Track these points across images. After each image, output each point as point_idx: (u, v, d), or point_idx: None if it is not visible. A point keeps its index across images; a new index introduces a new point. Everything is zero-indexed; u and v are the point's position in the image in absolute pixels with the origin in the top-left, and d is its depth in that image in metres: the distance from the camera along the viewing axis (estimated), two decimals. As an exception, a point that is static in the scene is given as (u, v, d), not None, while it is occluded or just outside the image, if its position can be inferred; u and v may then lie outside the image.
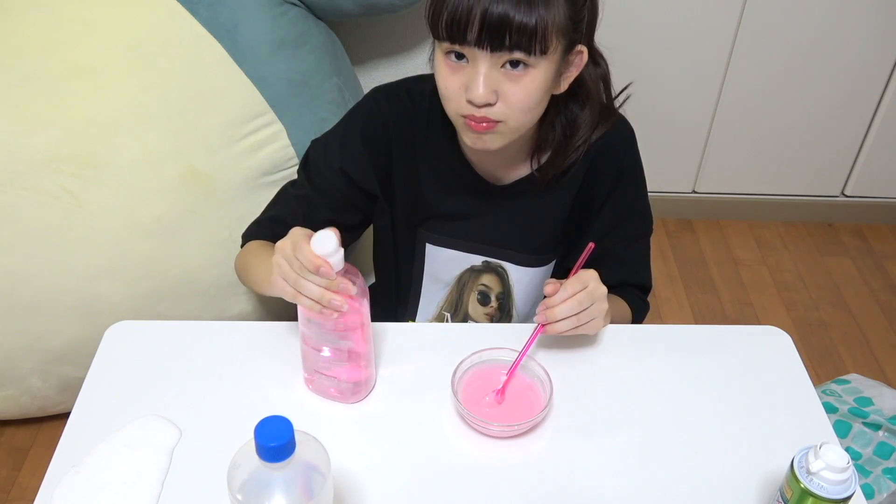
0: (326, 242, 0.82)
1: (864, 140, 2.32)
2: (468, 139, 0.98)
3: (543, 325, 0.95)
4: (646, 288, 1.19)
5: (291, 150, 1.54)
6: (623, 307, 1.15)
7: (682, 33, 2.11)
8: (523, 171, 1.10)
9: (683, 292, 2.23)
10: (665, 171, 2.35)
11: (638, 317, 1.18)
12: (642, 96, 2.40)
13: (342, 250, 0.83)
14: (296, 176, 1.18)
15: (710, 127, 2.28)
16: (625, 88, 1.08)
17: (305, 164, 1.14)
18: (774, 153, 2.35)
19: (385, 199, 1.14)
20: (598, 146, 1.08)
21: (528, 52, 0.88)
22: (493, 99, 0.91)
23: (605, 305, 0.96)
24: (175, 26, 1.45)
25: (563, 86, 0.98)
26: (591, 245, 0.95)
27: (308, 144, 1.16)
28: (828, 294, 2.25)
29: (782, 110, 2.25)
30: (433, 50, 0.96)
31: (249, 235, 1.15)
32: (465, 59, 0.91)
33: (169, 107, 1.42)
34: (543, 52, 0.89)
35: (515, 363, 0.94)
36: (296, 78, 1.55)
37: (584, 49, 0.96)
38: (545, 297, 0.95)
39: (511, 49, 0.88)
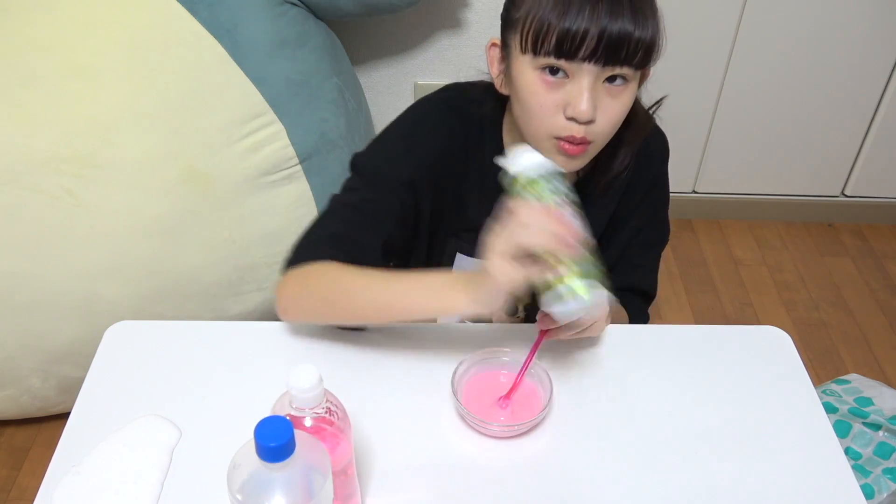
0: (304, 377, 0.72)
1: (864, 140, 2.32)
2: (558, 160, 0.92)
3: (545, 332, 0.95)
4: (650, 296, 1.18)
5: (291, 150, 1.54)
6: (622, 314, 1.14)
7: (682, 33, 2.10)
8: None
9: (683, 292, 2.23)
10: (665, 171, 2.35)
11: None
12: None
13: (322, 383, 0.73)
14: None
15: (710, 127, 2.28)
16: (659, 101, 1.06)
17: (362, 176, 1.02)
18: (774, 153, 2.35)
19: (430, 214, 1.06)
20: (640, 155, 1.07)
21: (640, 66, 0.87)
22: (596, 116, 0.88)
23: (606, 309, 0.96)
24: (175, 26, 1.45)
25: None
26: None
27: (308, 144, 1.15)
28: (828, 294, 2.25)
29: (782, 110, 2.25)
30: (505, 64, 0.92)
31: (306, 259, 0.95)
32: (561, 73, 0.87)
33: (169, 107, 1.42)
34: (652, 64, 0.88)
35: (521, 372, 0.94)
36: (296, 78, 1.55)
37: (651, 70, 0.94)
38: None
39: (623, 64, 0.86)
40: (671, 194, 1.17)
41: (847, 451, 1.51)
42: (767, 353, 1.04)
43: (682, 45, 2.13)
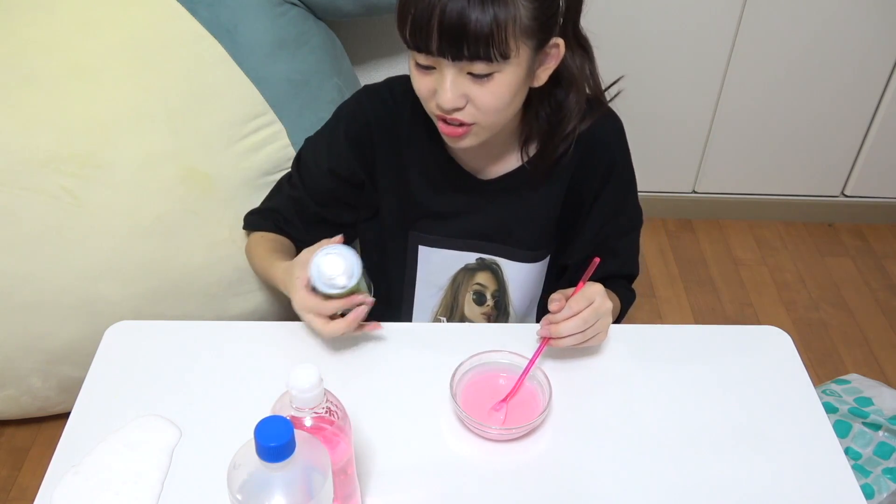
0: (304, 377, 0.72)
1: (864, 140, 2.31)
2: (446, 139, 1.00)
3: (548, 339, 0.95)
4: (633, 277, 1.20)
5: (291, 150, 1.53)
6: (614, 301, 1.15)
7: (682, 33, 2.11)
8: (512, 163, 1.09)
9: (683, 292, 2.23)
10: (665, 171, 2.35)
11: (624, 306, 1.18)
12: (642, 96, 2.41)
13: (322, 383, 0.73)
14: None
15: (710, 127, 2.28)
16: (615, 82, 1.07)
17: (298, 161, 1.19)
18: (774, 153, 2.35)
19: (373, 195, 1.15)
20: (588, 139, 1.07)
21: (489, 59, 0.88)
22: (462, 103, 0.93)
23: (609, 320, 0.97)
24: (175, 26, 1.45)
25: (543, 78, 0.98)
26: (596, 260, 0.95)
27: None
28: (828, 294, 2.25)
29: (782, 110, 2.25)
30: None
31: (252, 225, 1.24)
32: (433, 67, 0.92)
33: (169, 107, 1.42)
34: (505, 58, 0.89)
35: (521, 378, 0.94)
36: (296, 78, 1.55)
37: (561, 41, 0.95)
38: (550, 312, 0.95)
39: (471, 59, 0.88)
40: (671, 194, 1.18)
41: (847, 451, 1.51)
42: (767, 353, 1.04)
43: (682, 45, 2.13)
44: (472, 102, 0.93)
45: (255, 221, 1.24)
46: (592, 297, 0.94)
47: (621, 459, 0.90)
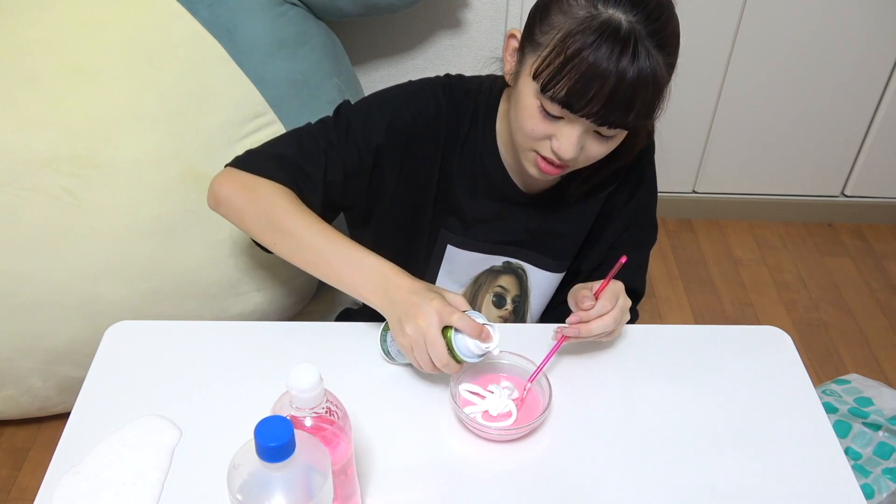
0: (304, 377, 0.72)
1: (864, 140, 2.31)
2: (531, 170, 0.97)
3: (566, 338, 0.95)
4: (639, 295, 1.18)
5: (291, 150, 1.54)
6: None
7: (682, 33, 2.10)
8: (557, 179, 1.09)
9: (683, 292, 2.23)
10: (665, 171, 2.33)
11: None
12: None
13: (322, 383, 0.73)
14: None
15: (710, 127, 2.28)
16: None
17: (338, 120, 1.04)
18: (774, 153, 2.35)
19: (396, 194, 1.07)
20: (624, 175, 1.09)
21: (630, 127, 0.89)
22: (578, 155, 0.92)
23: (628, 316, 0.98)
24: (175, 26, 1.45)
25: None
26: (623, 259, 0.94)
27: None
28: (828, 294, 2.25)
29: (782, 110, 2.25)
30: (517, 64, 0.93)
31: (260, 167, 0.99)
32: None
33: (169, 107, 1.42)
34: (644, 125, 0.91)
35: (534, 375, 0.94)
36: (296, 78, 1.55)
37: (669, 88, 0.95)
38: (579, 309, 0.94)
39: (616, 126, 0.88)
40: (671, 194, 1.18)
41: (847, 451, 1.51)
42: (767, 353, 1.04)
43: (682, 45, 2.12)
44: (584, 152, 0.92)
45: (264, 166, 0.99)
46: (618, 294, 0.95)
47: (621, 459, 0.90)
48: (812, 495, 0.87)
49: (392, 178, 1.05)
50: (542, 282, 1.16)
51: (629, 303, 0.97)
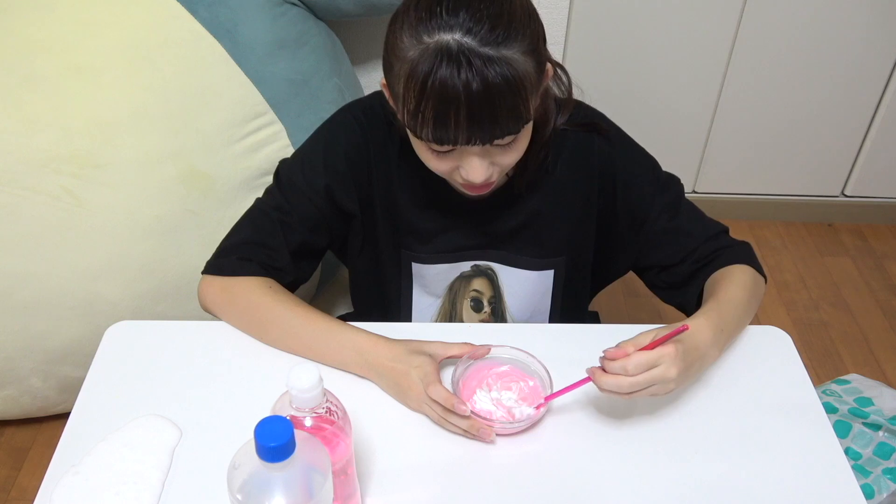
0: (304, 377, 0.72)
1: (864, 140, 2.32)
2: (463, 192, 0.99)
3: (589, 379, 0.89)
4: (725, 231, 1.12)
5: (291, 151, 1.54)
6: (755, 280, 1.06)
7: (682, 33, 2.11)
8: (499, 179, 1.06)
9: (683, 292, 2.23)
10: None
11: (758, 268, 1.08)
12: (642, 96, 2.40)
13: (322, 383, 0.73)
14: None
15: (710, 127, 2.28)
16: (563, 74, 1.02)
17: (280, 183, 1.08)
18: (774, 153, 2.35)
19: (364, 220, 1.10)
20: (572, 147, 1.06)
21: (517, 131, 0.87)
22: (491, 172, 0.91)
23: (671, 386, 0.87)
24: (175, 26, 1.45)
25: (551, 108, 0.98)
26: (684, 325, 0.87)
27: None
28: (828, 294, 2.25)
29: (782, 110, 2.25)
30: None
31: (226, 269, 1.04)
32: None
33: (169, 107, 1.42)
34: (529, 120, 0.88)
35: (550, 397, 0.92)
36: (296, 78, 1.55)
37: (549, 67, 0.93)
38: (607, 357, 0.87)
39: (501, 136, 0.87)
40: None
41: (847, 451, 1.50)
42: (767, 353, 1.04)
43: (682, 45, 2.13)
44: (496, 165, 0.92)
45: (231, 266, 1.04)
46: (655, 363, 0.85)
47: (621, 458, 0.90)
48: (812, 495, 0.87)
49: (354, 208, 1.08)
50: (515, 280, 1.14)
51: (673, 372, 0.85)
